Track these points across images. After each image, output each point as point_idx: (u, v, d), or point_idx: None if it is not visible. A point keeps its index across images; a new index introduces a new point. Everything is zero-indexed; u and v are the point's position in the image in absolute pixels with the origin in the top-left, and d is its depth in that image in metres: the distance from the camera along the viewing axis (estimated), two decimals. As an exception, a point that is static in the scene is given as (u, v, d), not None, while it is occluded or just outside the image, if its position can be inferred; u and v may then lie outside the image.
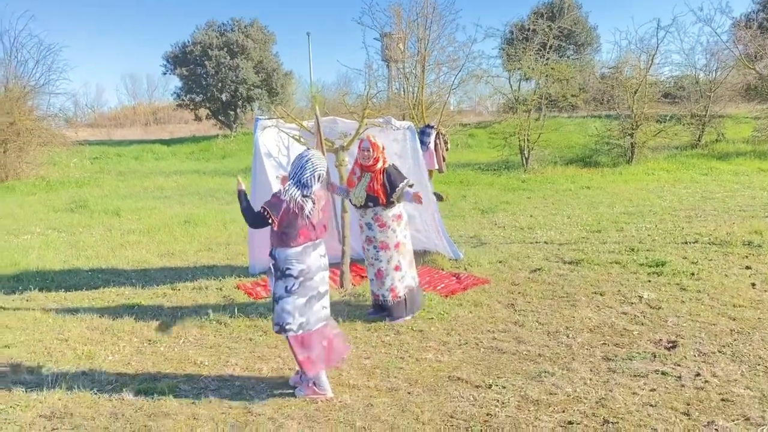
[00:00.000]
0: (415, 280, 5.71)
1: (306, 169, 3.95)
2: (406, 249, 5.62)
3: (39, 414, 3.89)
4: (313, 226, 3.99)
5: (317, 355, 4.05)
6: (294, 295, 3.98)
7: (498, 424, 3.59)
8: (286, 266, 3.96)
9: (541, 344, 4.89)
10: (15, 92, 18.60)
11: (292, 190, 3.92)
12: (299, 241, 3.95)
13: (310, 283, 4.03)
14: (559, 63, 19.46)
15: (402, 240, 5.58)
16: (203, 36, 31.47)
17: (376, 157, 5.44)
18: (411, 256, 5.72)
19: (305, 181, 3.95)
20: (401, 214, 5.58)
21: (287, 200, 3.89)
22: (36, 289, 6.79)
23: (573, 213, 10.91)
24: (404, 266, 5.59)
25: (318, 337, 4.09)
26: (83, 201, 12.87)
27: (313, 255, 4.05)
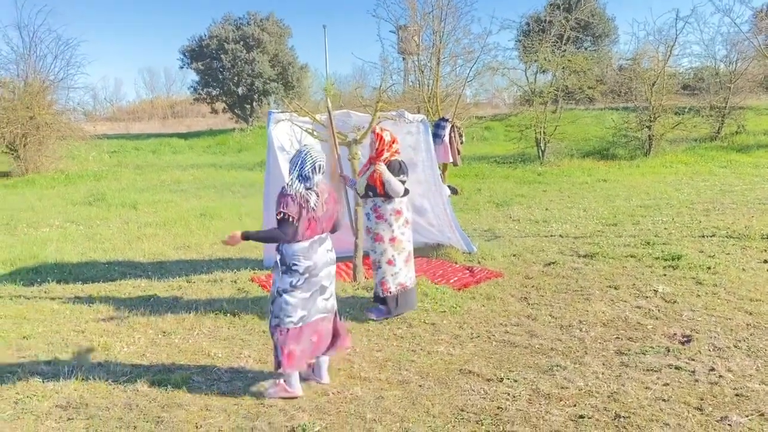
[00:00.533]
0: (411, 281, 5.56)
1: (306, 162, 3.92)
2: (403, 246, 5.47)
3: (55, 404, 3.95)
4: (318, 219, 3.95)
5: (302, 351, 3.99)
6: (298, 290, 3.94)
7: (508, 417, 3.59)
8: (292, 261, 3.93)
9: (553, 338, 4.87)
10: (34, 87, 18.82)
11: (296, 184, 3.90)
12: (306, 235, 3.92)
13: (315, 279, 4.00)
14: (576, 55, 19.30)
15: (399, 236, 5.44)
16: (219, 30, 31.57)
17: (380, 149, 5.44)
18: (408, 255, 5.55)
19: (306, 174, 3.92)
20: (401, 210, 5.44)
21: (293, 194, 3.87)
22: (54, 281, 6.88)
23: (589, 206, 10.84)
24: (398, 263, 5.45)
25: (310, 330, 4.03)
26: (101, 194, 13.01)
27: (320, 250, 4.02)
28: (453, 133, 12.39)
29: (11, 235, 9.55)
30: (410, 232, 5.59)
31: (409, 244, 5.58)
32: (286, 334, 3.96)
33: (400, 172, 5.38)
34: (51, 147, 18.95)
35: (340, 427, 3.55)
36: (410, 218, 5.60)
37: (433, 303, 5.84)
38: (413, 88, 18.73)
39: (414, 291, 5.64)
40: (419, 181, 7.54)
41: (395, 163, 5.41)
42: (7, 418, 3.76)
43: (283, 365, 3.95)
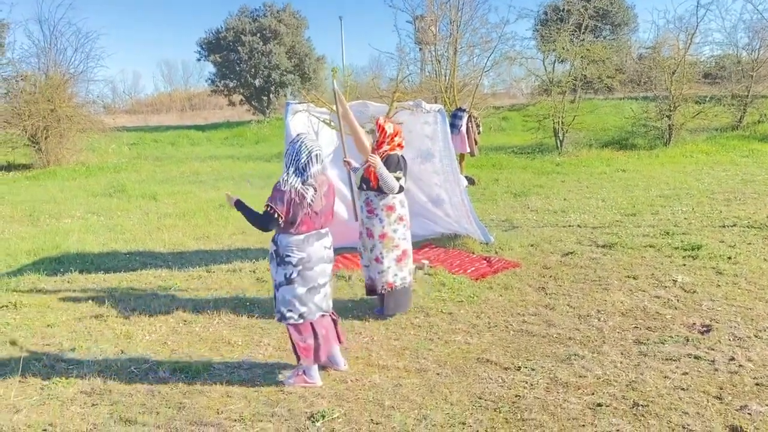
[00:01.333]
0: (403, 282, 5.28)
1: (302, 153, 3.81)
2: (395, 244, 5.21)
3: (80, 390, 4.03)
4: (315, 213, 3.87)
5: (316, 345, 4.01)
6: (294, 284, 3.90)
7: (526, 405, 3.60)
8: (285, 253, 3.87)
9: (571, 327, 4.86)
10: (55, 80, 19.02)
11: (291, 179, 3.79)
12: (302, 230, 3.86)
13: (310, 273, 3.92)
14: (594, 44, 19.09)
15: (390, 233, 5.19)
16: (236, 22, 31.66)
17: (380, 140, 5.27)
18: (402, 254, 5.28)
19: (303, 166, 3.80)
20: (394, 206, 5.19)
21: (288, 190, 3.77)
22: (76, 270, 6.99)
23: (607, 196, 10.76)
24: (387, 261, 5.19)
25: (318, 326, 4.04)
26: (121, 186, 13.15)
27: (316, 245, 3.94)
28: (470, 123, 12.39)
29: (34, 226, 9.70)
30: (405, 229, 5.30)
31: (404, 242, 5.30)
32: (297, 329, 3.98)
33: (397, 168, 5.12)
34: (72, 139, 19.18)
35: (359, 413, 3.59)
36: (406, 215, 5.32)
37: (450, 293, 5.86)
38: (430, 78, 18.67)
39: (406, 292, 5.35)
40: (436, 172, 7.54)
41: (393, 157, 5.16)
42: (34, 404, 3.85)
43: (304, 358, 4.00)
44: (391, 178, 5.04)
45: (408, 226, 5.39)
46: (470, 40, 16.01)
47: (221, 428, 3.46)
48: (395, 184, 5.07)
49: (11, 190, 14.12)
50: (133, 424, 3.55)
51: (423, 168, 7.57)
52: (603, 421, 3.37)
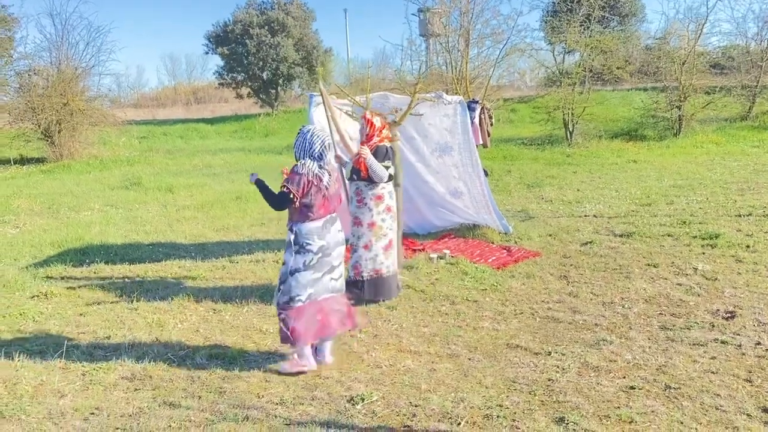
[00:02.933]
0: (389, 269, 5.47)
1: (314, 143, 3.98)
2: (383, 233, 5.42)
3: (120, 376, 4.14)
4: (330, 197, 4.03)
5: (306, 328, 4.04)
6: (311, 270, 4.02)
7: (560, 388, 3.69)
8: (306, 241, 3.99)
9: (596, 314, 4.95)
10: (67, 74, 19.12)
11: (309, 163, 3.97)
12: (319, 214, 3.99)
13: (327, 259, 4.07)
14: (603, 34, 19.08)
15: (378, 222, 5.40)
16: (244, 15, 31.64)
17: (369, 134, 5.48)
18: (390, 243, 5.49)
19: (318, 154, 3.98)
20: (382, 196, 5.40)
21: (305, 173, 3.92)
22: (101, 261, 7.10)
23: (621, 187, 10.82)
24: (375, 248, 5.40)
25: (314, 308, 4.09)
26: (137, 178, 13.26)
27: (332, 230, 4.10)
28: (483, 115, 12.43)
29: (55, 219, 9.82)
30: (392, 220, 5.51)
31: (392, 232, 5.51)
32: (297, 311, 4.03)
33: (386, 158, 5.37)
34: (84, 133, 19.29)
35: (396, 396, 3.69)
36: (393, 206, 5.53)
37: (473, 281, 5.94)
38: (438, 70, 18.70)
39: (392, 279, 5.52)
40: (455, 164, 7.61)
41: (382, 148, 5.40)
42: (77, 389, 3.96)
43: (295, 340, 4.02)
44: (381, 168, 5.27)
45: (395, 218, 5.60)
46: (482, 31, 16.03)
47: (264, 411, 3.56)
48: (384, 173, 5.31)
49: (28, 183, 14.25)
50: (177, 407, 3.65)
51: (441, 161, 7.65)
52: (637, 403, 3.46)
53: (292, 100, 35.62)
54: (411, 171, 7.51)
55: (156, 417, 3.53)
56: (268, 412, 3.54)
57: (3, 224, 9.48)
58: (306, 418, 3.45)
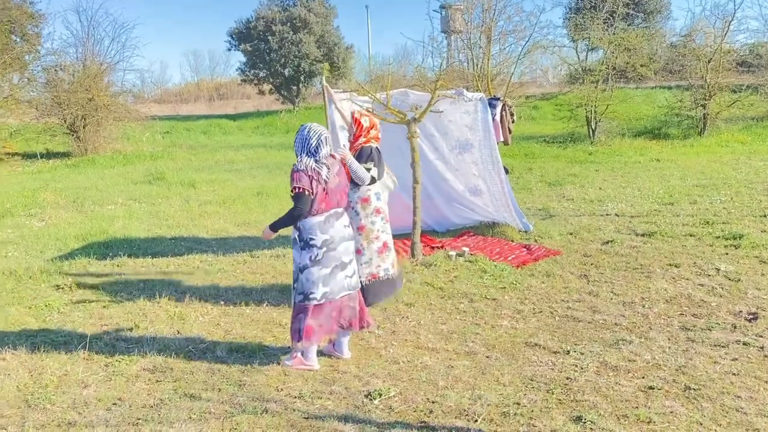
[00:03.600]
0: (386, 272, 5.39)
1: (311, 138, 4.02)
2: (375, 236, 5.32)
3: (142, 368, 4.21)
4: (331, 191, 4.03)
5: (321, 326, 4.09)
6: (318, 265, 4.03)
7: (578, 387, 3.68)
8: (309, 236, 4.01)
9: (616, 314, 4.92)
10: (92, 69, 19.40)
11: (305, 159, 3.99)
12: (321, 208, 4.01)
13: (333, 254, 4.08)
14: (627, 32, 18.87)
15: (368, 225, 5.30)
16: (266, 11, 31.80)
17: (357, 134, 5.41)
18: (384, 245, 5.39)
19: (314, 149, 4.01)
20: (369, 198, 5.28)
21: (304, 169, 3.95)
22: (125, 255, 7.20)
23: (643, 185, 10.71)
24: (368, 252, 5.31)
25: (331, 307, 4.13)
26: (160, 173, 13.41)
27: (337, 225, 4.11)
28: (504, 112, 12.38)
29: (80, 212, 9.97)
30: (383, 222, 5.40)
31: (384, 234, 5.40)
32: (312, 310, 4.05)
33: (369, 159, 5.23)
34: (108, 128, 19.55)
35: (414, 392, 3.71)
36: (383, 208, 5.41)
37: (492, 279, 5.94)
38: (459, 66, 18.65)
39: (391, 283, 5.44)
40: (474, 162, 7.59)
41: (366, 149, 5.29)
42: (100, 380, 4.03)
43: (306, 339, 4.04)
44: (362, 170, 5.09)
45: (387, 219, 5.47)
46: (504, 28, 15.95)
47: (283, 404, 3.60)
48: (366, 175, 5.11)
49: (54, 177, 14.49)
50: (198, 399, 3.70)
51: (461, 158, 7.63)
52: (656, 403, 3.44)
53: (313, 96, 35.72)
54: (430, 168, 7.51)
55: (177, 408, 3.59)
56: (286, 406, 3.58)
57: (29, 217, 9.66)
58: (324, 412, 3.49)
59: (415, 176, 6.58)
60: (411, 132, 6.59)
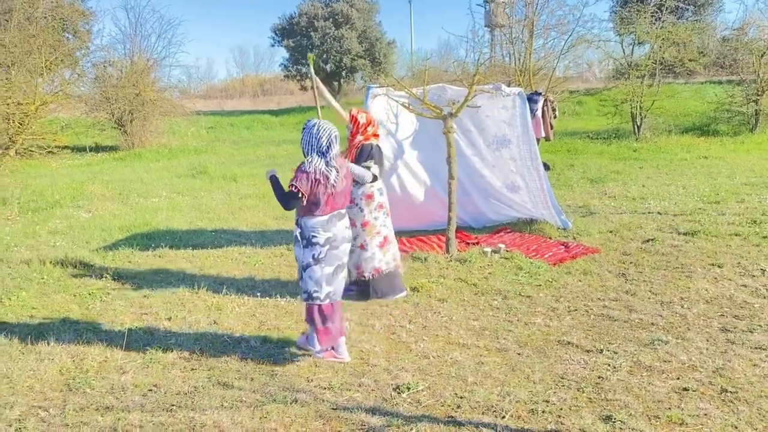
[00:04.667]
0: (388, 266, 5.42)
1: (321, 137, 3.92)
2: (377, 231, 5.35)
3: (179, 356, 4.31)
4: (336, 194, 3.97)
5: (335, 327, 4.12)
6: (321, 264, 4.01)
7: (610, 386, 3.63)
8: (312, 234, 3.98)
9: (654, 313, 4.82)
10: (139, 65, 19.91)
11: (316, 160, 3.91)
12: (326, 210, 3.97)
13: (336, 252, 4.05)
14: (676, 25, 18.38)
15: (371, 221, 5.34)
16: (309, 7, 32.09)
17: (354, 131, 5.41)
18: (385, 240, 5.42)
19: (325, 149, 3.93)
20: (373, 194, 5.32)
21: (312, 171, 3.87)
22: (166, 246, 7.37)
23: (689, 183, 10.44)
24: (371, 247, 5.34)
25: (339, 307, 4.17)
26: (203, 167, 13.69)
27: (339, 225, 4.07)
28: (546, 108, 12.23)
29: (125, 204, 10.26)
30: (385, 217, 5.44)
31: (385, 229, 5.43)
32: (321, 312, 4.08)
33: (369, 157, 5.25)
34: (154, 123, 20.04)
35: (442, 387, 3.71)
36: (385, 203, 5.45)
37: (528, 276, 5.88)
38: (501, 61, 18.47)
39: (395, 276, 5.48)
40: (512, 158, 7.52)
41: (366, 147, 5.29)
42: (138, 366, 4.15)
43: (321, 342, 4.10)
44: (361, 170, 5.14)
45: (388, 214, 5.50)
46: (547, 22, 15.72)
47: (312, 395, 3.64)
48: (367, 174, 5.18)
49: (102, 170, 14.94)
50: (230, 388, 3.78)
51: (498, 154, 7.57)
52: (690, 405, 3.37)
53: (354, 92, 35.89)
54: (467, 164, 7.47)
55: (210, 396, 3.67)
56: (316, 396, 3.63)
57: (77, 208, 9.97)
58: (352, 404, 3.52)
59: (451, 172, 6.56)
60: (447, 127, 6.57)
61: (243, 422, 3.36)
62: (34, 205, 10.11)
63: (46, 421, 3.45)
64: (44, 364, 4.18)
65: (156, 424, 3.38)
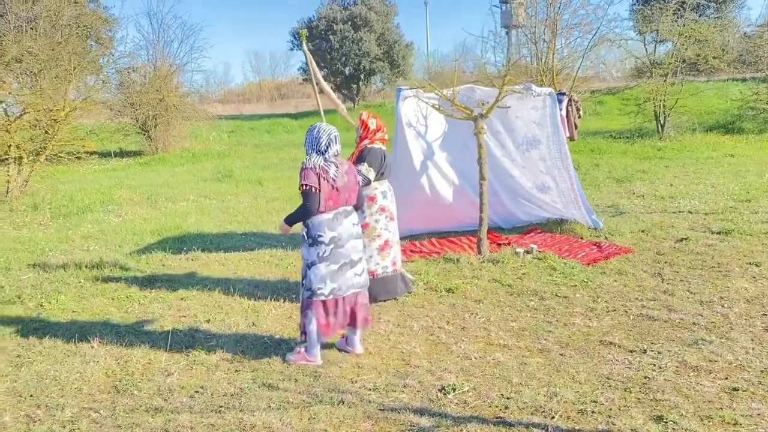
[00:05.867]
0: (386, 270, 5.43)
1: (321, 138, 4.04)
2: (377, 233, 5.38)
3: (221, 357, 4.35)
4: (338, 190, 4.04)
5: (336, 322, 4.16)
6: (326, 262, 4.07)
7: (657, 386, 3.60)
8: (317, 233, 4.05)
9: (694, 313, 4.78)
10: (162, 71, 20.12)
11: (314, 157, 4.03)
12: (329, 206, 4.04)
13: (341, 251, 4.11)
14: (698, 22, 18.18)
15: (371, 223, 5.36)
16: (328, 11, 32.21)
17: (363, 135, 5.44)
18: (385, 243, 5.44)
19: (324, 148, 4.03)
20: (375, 197, 5.36)
21: (312, 167, 3.98)
22: (198, 249, 7.44)
23: (717, 182, 10.34)
24: (370, 250, 5.34)
25: (344, 303, 4.20)
26: (228, 171, 13.80)
27: (345, 222, 4.13)
28: (570, 107, 12.15)
29: (154, 209, 10.37)
30: (387, 221, 5.44)
31: (387, 233, 5.45)
32: (325, 306, 4.14)
33: (364, 160, 5.29)
34: (177, 127, 20.24)
35: (488, 388, 3.71)
36: (388, 206, 5.45)
37: (562, 277, 5.86)
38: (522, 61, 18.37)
39: (392, 280, 5.48)
40: (542, 158, 7.49)
41: (365, 150, 5.34)
42: (182, 368, 4.20)
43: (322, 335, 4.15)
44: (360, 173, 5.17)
45: (392, 218, 5.50)
46: (570, 21, 15.64)
47: (358, 396, 3.66)
48: (363, 177, 5.19)
49: (128, 175, 15.11)
50: (276, 389, 3.81)
51: (528, 155, 7.55)
52: (742, 405, 3.34)
53: (373, 94, 35.96)
54: (496, 165, 7.46)
55: (256, 397, 3.71)
56: (362, 397, 3.65)
57: (107, 213, 10.10)
58: (399, 405, 3.53)
59: (482, 173, 6.56)
60: (478, 128, 6.57)
61: (292, 423, 3.39)
62: (65, 210, 10.25)
63: (98, 423, 3.51)
64: (90, 367, 4.24)
65: (206, 425, 3.41)
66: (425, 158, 7.32)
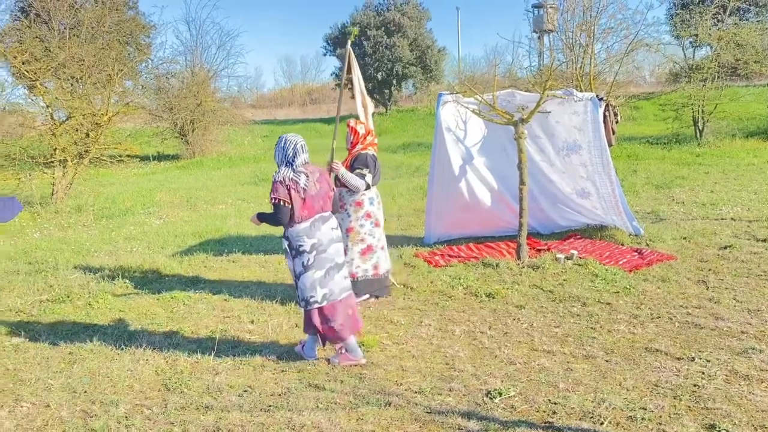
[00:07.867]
0: (366, 273, 5.59)
1: (288, 148, 4.11)
2: (360, 238, 5.54)
3: (267, 358, 4.42)
4: (312, 197, 4.09)
5: (341, 324, 4.19)
6: (311, 270, 4.12)
7: (708, 395, 3.56)
8: (298, 243, 4.12)
9: (742, 321, 4.70)
10: (200, 76, 20.48)
11: (283, 170, 4.09)
12: (304, 215, 4.09)
13: (324, 255, 4.16)
14: (739, 26, 17.85)
15: (356, 228, 5.53)
16: (361, 16, 32.40)
17: (354, 141, 5.59)
18: (368, 248, 5.59)
19: (291, 158, 4.09)
20: (362, 202, 5.51)
21: (281, 179, 4.05)
22: (239, 252, 7.56)
23: (760, 188, 10.14)
24: (351, 253, 5.49)
25: (342, 306, 4.24)
26: (264, 175, 13.97)
27: (323, 228, 4.18)
28: (608, 113, 12.02)
29: (194, 211, 10.57)
30: (372, 226, 5.59)
31: (371, 238, 5.59)
32: (322, 314, 4.18)
33: (364, 165, 5.43)
34: (214, 132, 20.56)
35: (534, 393, 3.71)
36: (374, 213, 5.59)
37: (604, 283, 5.81)
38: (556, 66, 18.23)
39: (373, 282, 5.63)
40: (583, 164, 7.43)
41: (362, 156, 5.48)
42: (230, 368, 4.28)
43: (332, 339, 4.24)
44: (354, 179, 5.36)
45: (377, 224, 5.65)
46: (607, 25, 15.49)
47: (404, 399, 3.69)
48: (360, 182, 5.40)
49: (167, 178, 15.40)
50: (322, 390, 3.86)
51: (568, 160, 7.50)
52: (797, 415, 3.28)
53: (405, 99, 36.03)
54: (535, 170, 7.43)
55: (303, 397, 3.76)
56: (408, 400, 3.68)
57: (148, 215, 10.32)
58: (446, 408, 3.55)
59: (522, 178, 6.55)
60: (518, 133, 6.56)
61: (341, 423, 3.43)
62: (108, 212, 10.51)
63: (151, 419, 3.59)
64: (140, 365, 4.35)
65: (257, 423, 3.48)
66: (464, 163, 7.33)
